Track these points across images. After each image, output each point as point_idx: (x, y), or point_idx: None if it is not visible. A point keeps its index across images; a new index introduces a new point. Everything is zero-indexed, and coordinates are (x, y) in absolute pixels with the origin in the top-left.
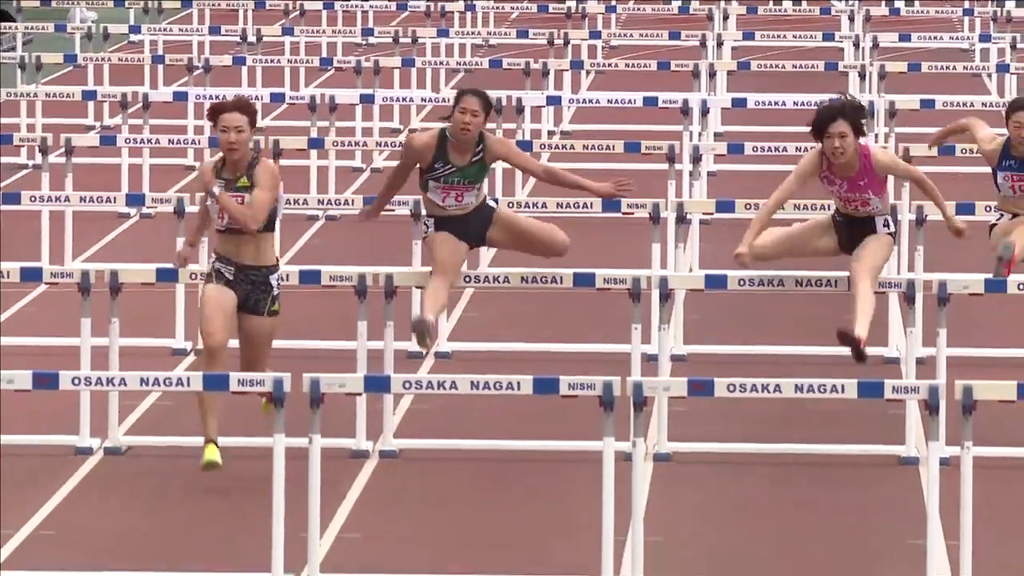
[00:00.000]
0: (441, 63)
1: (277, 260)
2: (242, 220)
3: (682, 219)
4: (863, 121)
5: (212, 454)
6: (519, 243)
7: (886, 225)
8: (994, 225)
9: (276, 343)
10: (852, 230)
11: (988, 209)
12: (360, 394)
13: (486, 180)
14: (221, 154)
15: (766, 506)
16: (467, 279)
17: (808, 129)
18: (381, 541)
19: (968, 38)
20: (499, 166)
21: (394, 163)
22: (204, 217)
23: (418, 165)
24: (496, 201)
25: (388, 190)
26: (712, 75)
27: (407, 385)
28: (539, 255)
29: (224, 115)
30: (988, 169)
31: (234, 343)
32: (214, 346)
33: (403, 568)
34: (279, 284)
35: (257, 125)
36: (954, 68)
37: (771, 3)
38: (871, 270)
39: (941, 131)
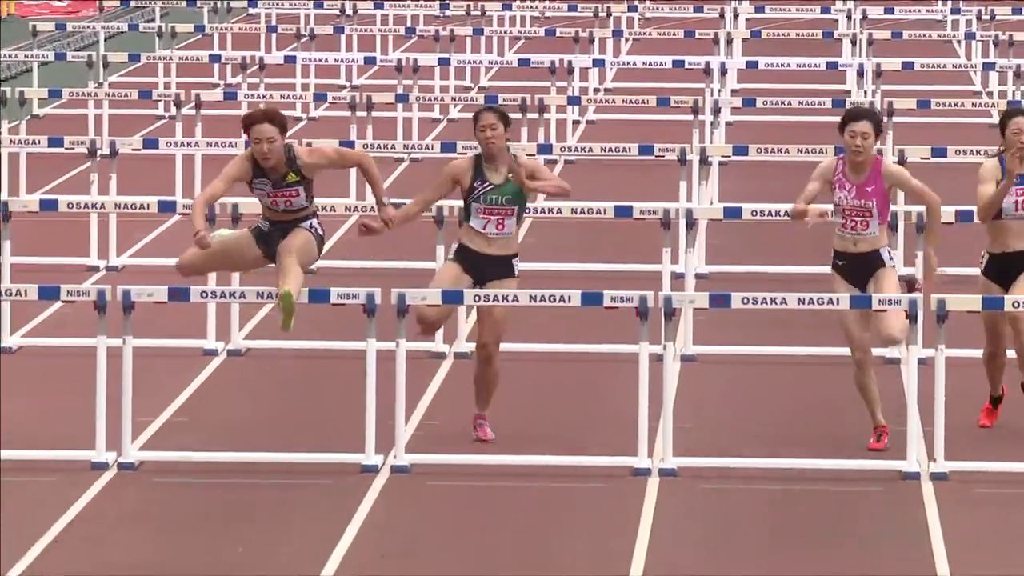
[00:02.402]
0: (505, 32)
1: (315, 211)
2: (375, 168)
3: (704, 161)
4: (881, 130)
5: (286, 298)
6: (482, 314)
7: (891, 258)
8: (985, 272)
9: (360, 263)
10: (855, 267)
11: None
12: (438, 304)
13: (524, 219)
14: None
15: (776, 394)
16: (528, 211)
17: (801, 119)
18: (455, 428)
19: (941, 11)
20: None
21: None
22: (215, 196)
23: (460, 193)
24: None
25: (416, 206)
26: (729, 42)
27: (476, 298)
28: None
29: (256, 127)
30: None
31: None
32: (207, 259)
33: (473, 451)
34: (312, 225)
35: (287, 132)
36: (929, 36)
37: None
38: (901, 325)
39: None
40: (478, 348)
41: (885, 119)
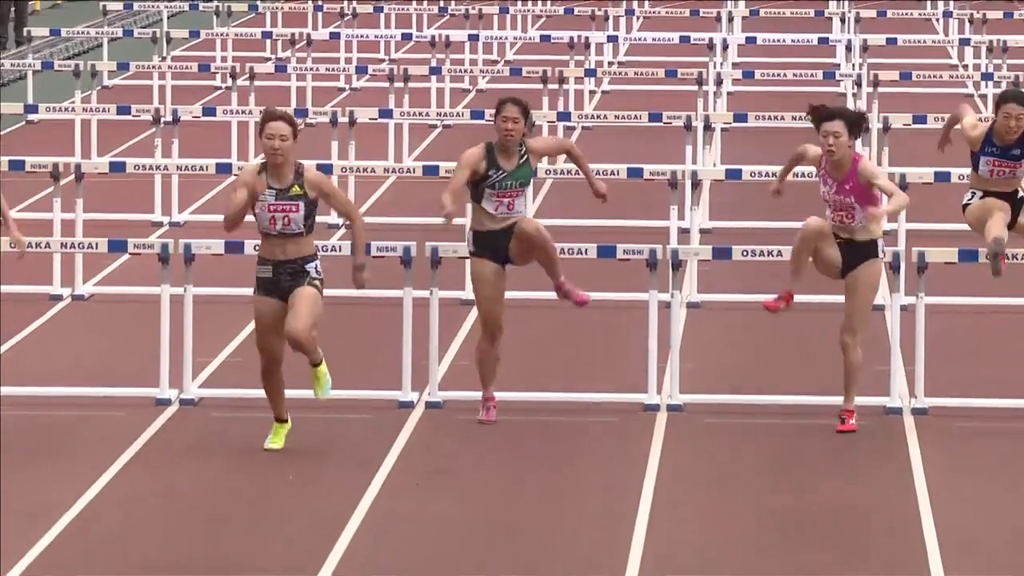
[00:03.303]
0: (528, 10)
1: (315, 251)
2: (363, 226)
3: (708, 127)
4: (861, 128)
5: (277, 439)
6: (529, 255)
7: (882, 250)
8: (967, 204)
9: (397, 219)
10: (848, 251)
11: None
12: (465, 257)
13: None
14: (263, 160)
15: (772, 338)
16: (547, 172)
17: (795, 90)
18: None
19: None
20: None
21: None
22: (240, 216)
23: (471, 178)
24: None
25: (458, 195)
26: (731, 19)
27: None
28: (544, 267)
29: (271, 123)
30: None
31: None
32: (271, 359)
33: (499, 388)
34: (317, 269)
35: (297, 137)
36: (911, 14)
37: None
38: (862, 323)
39: (944, 130)
40: (495, 334)
41: (871, 89)
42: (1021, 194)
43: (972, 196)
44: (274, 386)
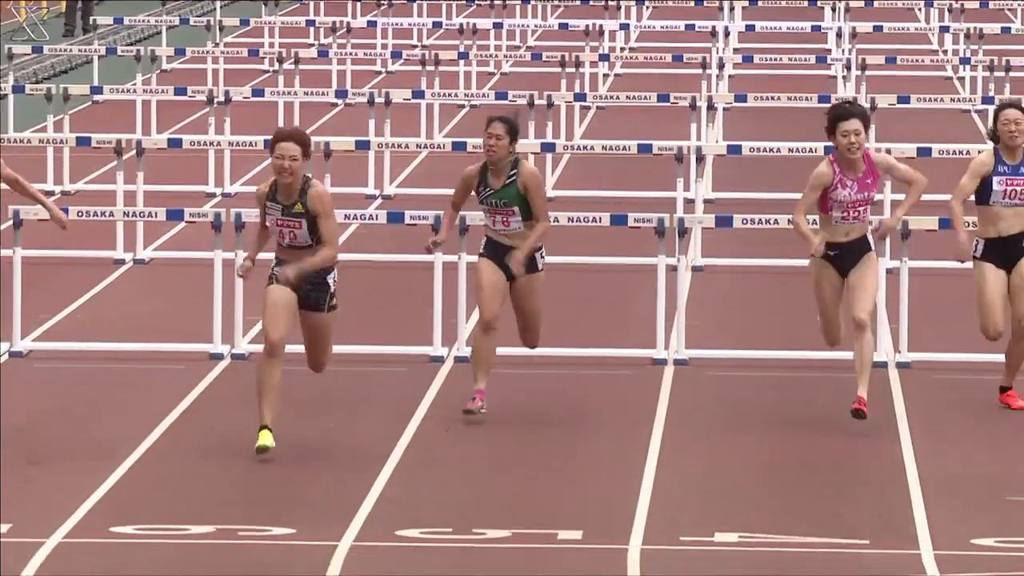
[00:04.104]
0: (548, 0)
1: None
2: (331, 261)
3: (711, 106)
4: (870, 123)
5: (265, 439)
6: (517, 308)
7: (873, 242)
8: (976, 257)
9: (427, 191)
10: (845, 255)
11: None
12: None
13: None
14: (273, 178)
15: (770, 298)
16: (566, 148)
17: (790, 73)
18: (507, 325)
19: None
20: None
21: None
22: (263, 234)
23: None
24: (542, 267)
25: (451, 217)
26: (732, 8)
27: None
28: (520, 328)
29: (281, 143)
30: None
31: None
32: (274, 342)
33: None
34: (335, 281)
35: (309, 156)
36: (896, 3)
37: None
38: (871, 309)
39: (956, 219)
40: (491, 323)
41: (859, 72)
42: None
43: (977, 246)
44: (272, 384)
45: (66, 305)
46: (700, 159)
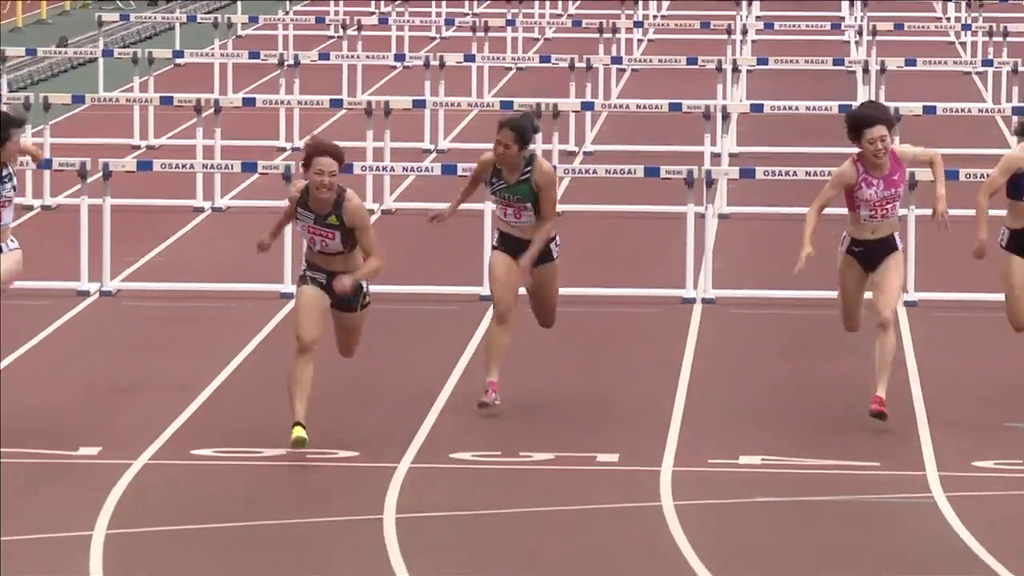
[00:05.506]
0: None
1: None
2: (380, 271)
3: (736, 69)
4: (894, 124)
5: (299, 432)
6: (532, 295)
7: (899, 239)
8: (1003, 247)
9: (478, 145)
10: (871, 253)
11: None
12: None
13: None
14: (306, 183)
15: (789, 243)
16: (603, 106)
17: (807, 39)
18: None
19: None
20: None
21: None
22: (284, 224)
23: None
24: (557, 256)
25: (461, 197)
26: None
27: (566, 170)
28: (535, 312)
29: (319, 158)
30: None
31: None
32: (306, 342)
33: (562, 284)
34: (366, 282)
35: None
36: None
37: None
38: (895, 308)
39: (980, 217)
40: (505, 314)
41: (870, 37)
42: None
43: (1003, 235)
44: (303, 381)
45: (150, 249)
46: (726, 116)
